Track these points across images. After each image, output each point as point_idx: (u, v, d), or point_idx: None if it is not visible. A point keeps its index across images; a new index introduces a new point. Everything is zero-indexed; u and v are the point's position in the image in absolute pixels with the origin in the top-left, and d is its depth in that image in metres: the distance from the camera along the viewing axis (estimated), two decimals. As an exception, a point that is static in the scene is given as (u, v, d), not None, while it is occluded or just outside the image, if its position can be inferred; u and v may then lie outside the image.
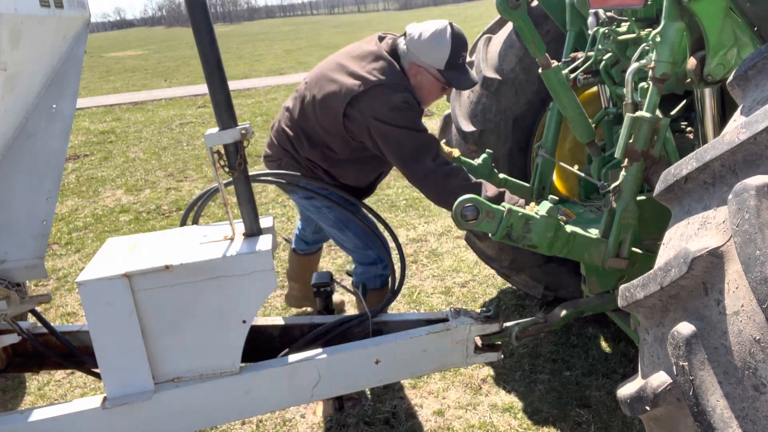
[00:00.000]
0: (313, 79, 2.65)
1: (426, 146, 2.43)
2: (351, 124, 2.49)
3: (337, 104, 2.47)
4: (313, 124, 2.61)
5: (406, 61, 2.56)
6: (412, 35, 2.54)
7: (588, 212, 2.65)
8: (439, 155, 2.45)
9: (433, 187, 2.45)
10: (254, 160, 7.44)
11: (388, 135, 2.43)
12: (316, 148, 2.63)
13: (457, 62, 2.52)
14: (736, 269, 1.15)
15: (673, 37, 1.90)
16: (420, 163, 2.42)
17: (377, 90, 2.43)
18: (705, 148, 1.29)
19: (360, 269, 2.91)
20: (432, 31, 2.50)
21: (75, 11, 2.03)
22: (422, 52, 2.51)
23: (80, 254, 4.99)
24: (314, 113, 2.59)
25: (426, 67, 2.53)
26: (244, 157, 1.91)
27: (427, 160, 2.41)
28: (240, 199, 1.97)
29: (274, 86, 13.99)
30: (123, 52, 33.68)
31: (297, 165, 2.68)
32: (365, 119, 2.44)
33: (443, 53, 2.49)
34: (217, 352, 1.94)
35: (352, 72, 2.49)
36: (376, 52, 2.54)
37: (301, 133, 2.66)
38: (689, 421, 1.22)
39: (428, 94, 2.61)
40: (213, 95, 1.85)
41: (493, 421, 2.70)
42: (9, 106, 1.84)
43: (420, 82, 2.57)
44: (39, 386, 3.21)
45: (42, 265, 2.04)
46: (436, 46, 2.49)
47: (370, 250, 2.83)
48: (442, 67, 2.51)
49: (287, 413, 2.84)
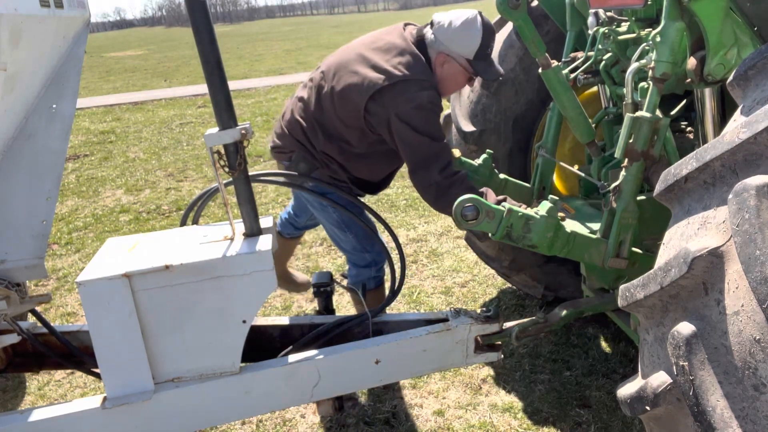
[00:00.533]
0: (331, 69, 2.56)
1: (437, 157, 2.39)
2: (372, 119, 2.42)
3: (359, 97, 2.40)
4: (330, 116, 2.53)
5: (434, 51, 2.49)
6: (441, 23, 2.48)
7: (587, 207, 2.64)
8: (448, 167, 2.41)
9: (434, 196, 2.43)
10: (254, 160, 7.44)
11: (405, 137, 2.39)
12: (332, 141, 2.55)
13: (485, 52, 2.47)
14: (736, 269, 1.15)
15: (673, 37, 1.90)
16: (428, 171, 2.39)
17: (403, 85, 2.37)
18: (705, 148, 1.29)
19: (354, 271, 2.89)
20: (463, 20, 2.44)
21: (75, 11, 2.03)
22: (452, 41, 2.45)
23: (80, 254, 4.99)
24: (332, 105, 2.51)
25: (455, 56, 2.47)
26: (244, 157, 1.91)
27: (434, 171, 2.38)
28: (240, 199, 1.97)
29: (274, 86, 13.99)
30: (123, 52, 33.68)
31: (311, 158, 2.60)
32: (387, 114, 2.38)
33: (474, 43, 2.43)
34: (217, 352, 1.94)
35: (375, 65, 2.42)
36: (402, 45, 2.48)
37: (317, 125, 2.56)
38: (689, 421, 1.22)
39: (453, 84, 2.57)
40: (213, 95, 1.85)
41: (493, 421, 2.70)
42: (9, 106, 1.84)
43: (447, 72, 2.51)
44: (39, 386, 3.21)
45: (42, 265, 2.04)
46: (466, 35, 2.43)
47: (367, 253, 2.80)
48: (471, 57, 2.46)
49: (287, 413, 2.84)
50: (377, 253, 2.81)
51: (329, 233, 2.93)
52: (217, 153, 1.89)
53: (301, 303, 3.91)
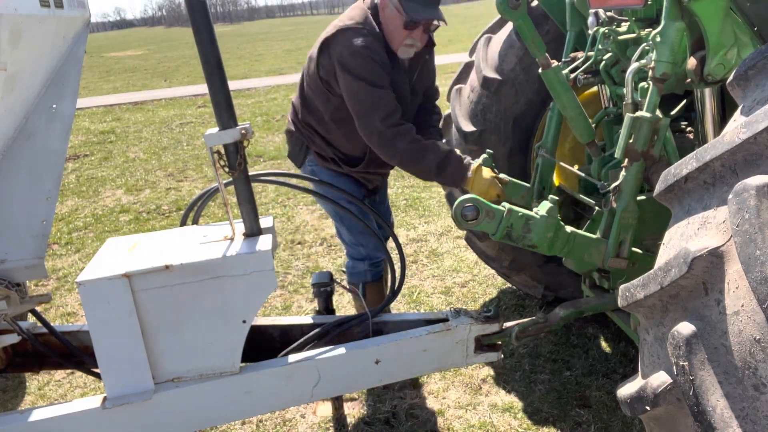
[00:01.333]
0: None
1: (376, 104, 2.46)
2: (324, 74, 2.56)
3: (314, 53, 2.59)
4: (306, 87, 2.71)
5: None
6: None
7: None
8: (391, 117, 2.46)
9: (378, 145, 2.51)
10: (254, 160, 7.44)
11: (347, 85, 2.49)
12: (311, 112, 2.72)
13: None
14: (737, 269, 1.15)
15: (673, 37, 1.90)
16: (369, 119, 2.47)
17: (342, 34, 2.50)
18: (705, 148, 1.29)
19: (350, 263, 3.02)
20: None
21: (75, 11, 2.03)
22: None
23: (80, 254, 5.00)
24: (306, 74, 2.69)
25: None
26: (244, 157, 1.91)
27: (376, 119, 2.45)
28: (240, 199, 1.97)
29: (274, 86, 14.00)
30: (123, 52, 33.69)
31: (300, 135, 2.79)
32: (333, 64, 2.51)
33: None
34: (217, 352, 1.94)
35: (331, 24, 2.60)
36: (354, 5, 2.63)
37: (301, 100, 2.77)
38: (689, 421, 1.22)
39: (393, 29, 2.55)
40: (213, 95, 1.85)
41: (493, 421, 2.70)
42: (9, 106, 1.84)
43: (386, 18, 2.56)
44: (39, 386, 3.21)
45: (42, 265, 2.04)
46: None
47: (362, 247, 2.91)
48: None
49: (287, 413, 2.84)
50: (373, 248, 2.91)
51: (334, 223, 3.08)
52: (217, 153, 1.89)
53: (301, 303, 3.91)
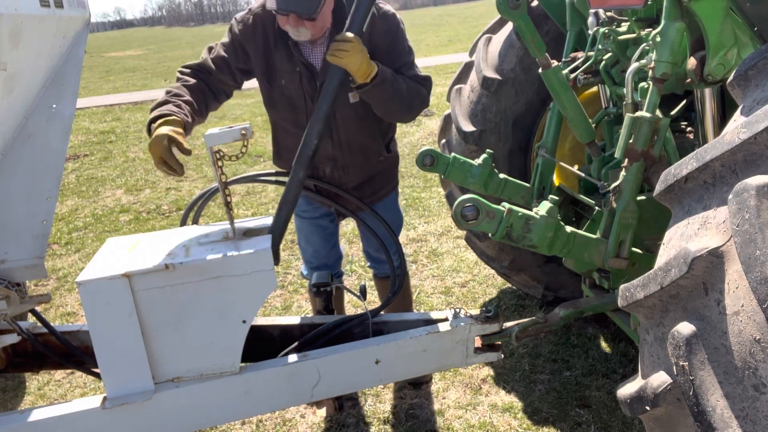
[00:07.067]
0: None
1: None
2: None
3: None
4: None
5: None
6: None
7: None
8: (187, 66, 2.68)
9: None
10: (254, 160, 7.44)
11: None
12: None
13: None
14: (737, 269, 1.14)
15: (673, 37, 1.90)
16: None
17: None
18: (705, 148, 1.29)
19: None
20: None
21: (75, 11, 2.03)
22: None
23: (80, 254, 5.00)
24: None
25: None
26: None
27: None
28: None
29: (274, 86, 13.96)
30: (123, 52, 33.69)
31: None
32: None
33: None
34: (217, 352, 1.94)
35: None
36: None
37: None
38: (689, 421, 1.22)
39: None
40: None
41: (493, 421, 2.70)
42: (9, 106, 1.84)
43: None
44: (39, 386, 3.21)
45: (42, 265, 2.04)
46: None
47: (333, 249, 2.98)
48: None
49: (287, 413, 2.84)
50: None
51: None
52: (217, 153, 1.89)
53: (301, 303, 3.91)
